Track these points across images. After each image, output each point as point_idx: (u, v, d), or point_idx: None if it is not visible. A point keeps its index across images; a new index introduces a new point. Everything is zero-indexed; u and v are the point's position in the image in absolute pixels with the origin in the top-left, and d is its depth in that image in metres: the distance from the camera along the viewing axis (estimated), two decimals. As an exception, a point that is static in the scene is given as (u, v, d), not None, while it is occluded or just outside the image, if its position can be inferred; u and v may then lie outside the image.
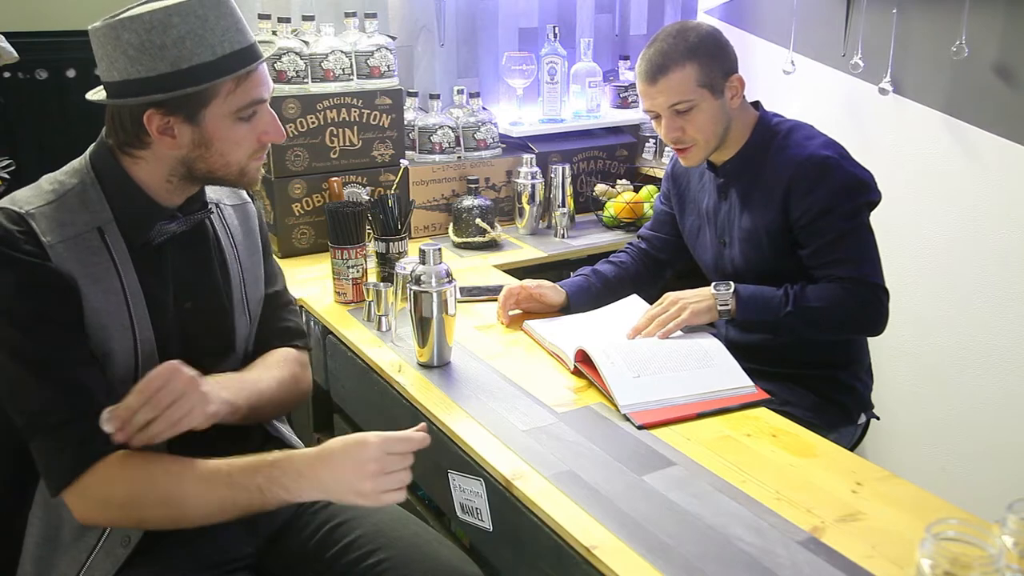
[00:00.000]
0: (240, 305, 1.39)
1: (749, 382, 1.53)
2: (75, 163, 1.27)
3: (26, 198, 1.20)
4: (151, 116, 1.18)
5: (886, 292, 1.68)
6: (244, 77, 1.20)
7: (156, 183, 1.25)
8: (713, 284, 1.70)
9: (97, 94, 1.24)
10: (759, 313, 1.68)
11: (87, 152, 1.27)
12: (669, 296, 1.72)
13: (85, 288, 1.18)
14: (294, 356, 1.44)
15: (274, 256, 1.53)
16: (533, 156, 2.54)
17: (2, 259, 1.14)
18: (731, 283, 1.69)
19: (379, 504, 1.19)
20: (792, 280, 1.69)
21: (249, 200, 1.47)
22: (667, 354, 1.57)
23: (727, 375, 1.54)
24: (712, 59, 1.68)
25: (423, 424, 1.21)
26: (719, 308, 1.67)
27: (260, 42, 1.27)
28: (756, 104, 1.81)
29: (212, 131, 1.21)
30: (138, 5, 1.19)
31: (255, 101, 1.23)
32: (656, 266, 2.04)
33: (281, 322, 1.47)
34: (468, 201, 2.40)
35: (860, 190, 1.66)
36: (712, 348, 1.60)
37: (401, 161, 2.34)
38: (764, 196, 1.71)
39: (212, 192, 1.38)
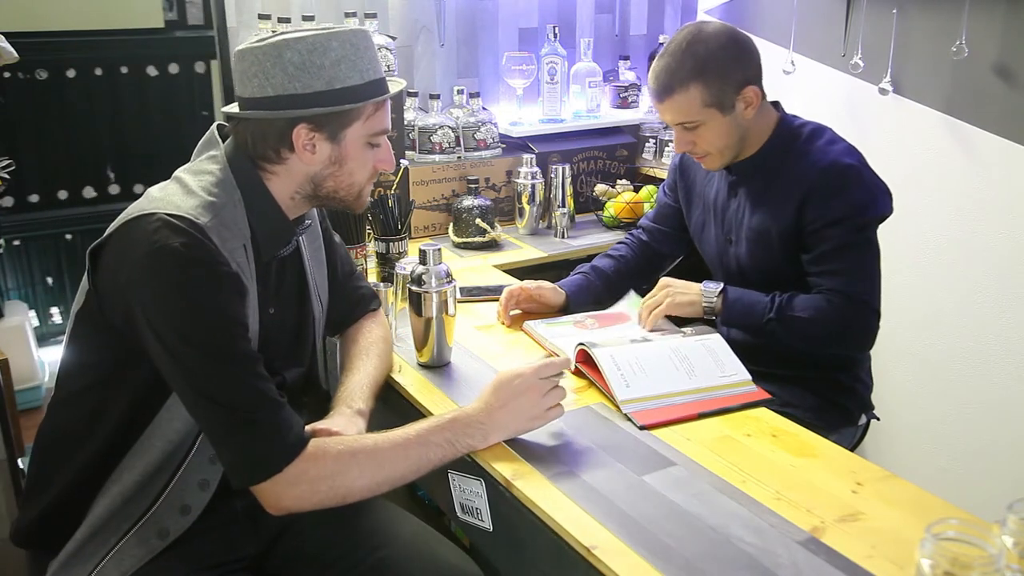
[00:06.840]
0: (313, 291, 1.46)
1: (748, 376, 1.54)
2: (217, 173, 1.28)
3: (189, 208, 1.21)
4: (300, 131, 1.26)
5: (876, 313, 1.66)
6: (381, 104, 1.32)
7: (284, 199, 1.33)
8: (703, 282, 1.71)
9: (232, 109, 1.31)
10: (742, 316, 1.69)
11: (226, 165, 1.29)
12: (661, 281, 1.75)
13: None
14: (376, 332, 1.60)
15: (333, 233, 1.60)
16: (533, 156, 2.54)
17: (206, 267, 1.17)
18: (721, 283, 1.70)
19: (548, 421, 1.35)
20: (798, 284, 1.69)
21: None
22: (668, 350, 1.58)
23: (728, 368, 1.55)
24: (721, 76, 1.64)
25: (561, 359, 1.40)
26: (704, 305, 1.69)
27: (388, 78, 1.38)
28: (776, 104, 1.78)
29: (348, 151, 1.31)
30: (290, 32, 1.28)
31: (385, 129, 1.35)
32: (656, 258, 2.05)
33: (356, 292, 1.62)
34: (468, 201, 2.40)
35: (875, 204, 1.65)
36: (714, 343, 1.61)
37: (401, 161, 2.34)
38: (781, 197, 1.70)
39: None
